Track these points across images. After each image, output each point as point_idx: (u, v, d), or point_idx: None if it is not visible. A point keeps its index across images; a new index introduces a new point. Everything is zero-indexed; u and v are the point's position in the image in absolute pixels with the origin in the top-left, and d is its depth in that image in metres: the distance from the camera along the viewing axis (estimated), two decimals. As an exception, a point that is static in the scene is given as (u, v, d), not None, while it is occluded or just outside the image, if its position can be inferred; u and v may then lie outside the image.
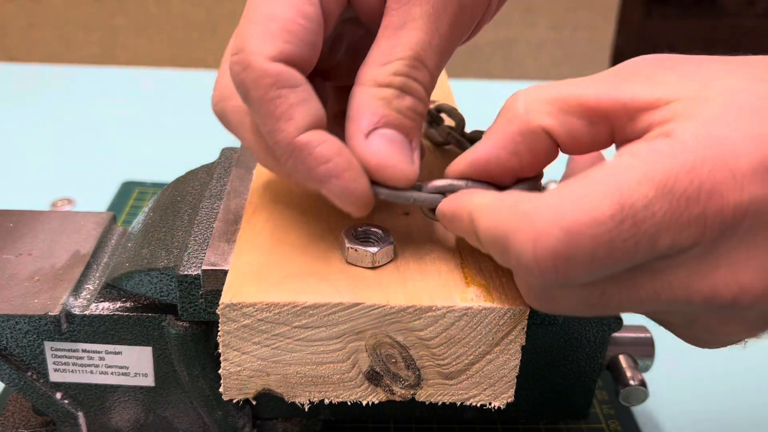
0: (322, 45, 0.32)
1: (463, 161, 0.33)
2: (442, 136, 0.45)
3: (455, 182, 0.33)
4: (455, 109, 0.45)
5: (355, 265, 0.34)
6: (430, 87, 0.33)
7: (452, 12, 0.33)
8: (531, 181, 0.33)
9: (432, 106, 0.46)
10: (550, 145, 0.30)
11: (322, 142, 0.30)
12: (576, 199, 0.25)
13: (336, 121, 0.35)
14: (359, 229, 0.35)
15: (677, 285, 0.26)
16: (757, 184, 0.24)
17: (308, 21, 0.31)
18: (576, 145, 0.30)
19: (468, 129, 0.45)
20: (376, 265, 0.34)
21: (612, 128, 0.29)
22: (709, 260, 0.25)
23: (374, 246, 0.34)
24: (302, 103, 0.30)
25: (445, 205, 0.33)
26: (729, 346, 0.30)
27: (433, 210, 0.34)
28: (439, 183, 0.33)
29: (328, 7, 0.32)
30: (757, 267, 0.25)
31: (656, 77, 0.28)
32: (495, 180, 0.32)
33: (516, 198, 0.28)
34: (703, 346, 0.31)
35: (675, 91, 0.27)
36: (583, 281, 0.27)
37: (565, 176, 0.38)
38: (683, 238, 0.25)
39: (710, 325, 0.28)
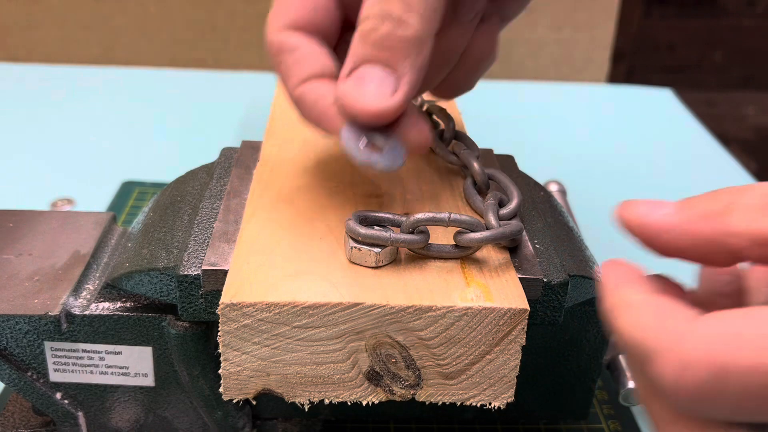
0: (337, 6, 0.35)
1: (635, 218, 0.27)
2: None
3: (438, 215, 0.33)
4: (443, 110, 0.45)
5: (358, 265, 0.34)
6: (417, 6, 0.32)
7: None
8: None
9: (425, 107, 0.46)
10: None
11: (312, 91, 0.34)
12: (735, 336, 0.22)
13: None
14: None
15: None
16: None
17: None
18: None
19: (468, 129, 0.45)
20: (380, 264, 0.34)
21: None
22: None
23: (377, 246, 0.34)
24: (298, 63, 0.34)
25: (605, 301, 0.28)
26: None
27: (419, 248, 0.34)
28: (420, 216, 0.33)
29: None
30: None
31: None
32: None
33: (665, 310, 0.25)
34: None
35: None
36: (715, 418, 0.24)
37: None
38: None
39: None
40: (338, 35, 0.37)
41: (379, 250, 0.34)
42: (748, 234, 0.24)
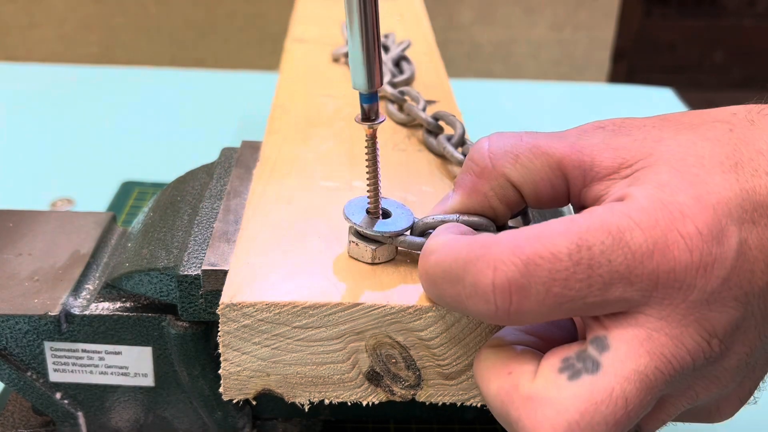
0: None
1: (439, 210, 0.34)
2: (438, 150, 0.44)
3: (447, 217, 0.33)
4: (453, 117, 0.45)
5: (356, 259, 0.34)
6: None
7: None
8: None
9: (431, 113, 0.46)
10: (517, 197, 0.32)
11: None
12: (536, 236, 0.27)
13: None
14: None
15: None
16: (705, 244, 0.26)
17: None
18: (538, 200, 0.31)
19: (468, 129, 0.45)
20: (376, 261, 0.34)
21: (568, 187, 0.30)
22: (675, 317, 0.26)
23: (374, 243, 0.34)
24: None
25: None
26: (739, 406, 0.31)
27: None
28: (429, 219, 0.34)
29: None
30: (721, 313, 0.26)
31: (612, 143, 0.30)
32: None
33: (474, 236, 0.29)
34: (715, 420, 0.31)
35: (630, 156, 0.29)
36: (531, 319, 0.27)
37: None
38: (634, 290, 0.26)
39: (704, 391, 0.28)
40: None
41: (375, 246, 0.34)
42: (516, 166, 0.31)
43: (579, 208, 0.31)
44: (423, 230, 0.34)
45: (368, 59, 0.32)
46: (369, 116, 0.33)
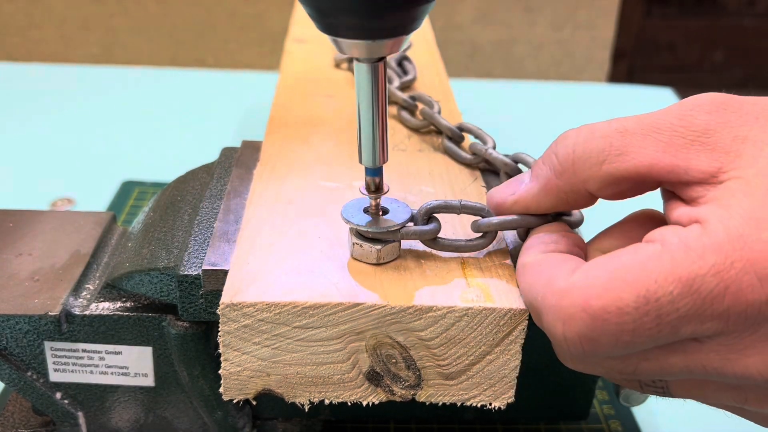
0: None
1: (508, 197, 0.34)
2: (467, 159, 0.44)
3: (449, 202, 0.34)
4: (479, 130, 0.44)
5: (360, 261, 0.34)
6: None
7: None
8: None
9: (455, 123, 0.45)
10: (592, 201, 0.32)
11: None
12: (604, 286, 0.27)
13: None
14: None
15: (710, 366, 0.27)
16: None
17: None
18: (616, 199, 0.31)
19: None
20: (381, 261, 0.34)
21: (660, 185, 0.30)
22: (738, 347, 0.26)
23: (378, 243, 0.34)
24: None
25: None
26: None
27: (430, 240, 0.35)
28: (433, 203, 0.34)
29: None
30: None
31: (712, 141, 0.28)
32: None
33: (553, 268, 0.30)
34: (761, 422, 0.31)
35: (727, 162, 0.27)
36: (611, 356, 0.28)
37: None
38: (705, 328, 0.26)
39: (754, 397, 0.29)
40: None
41: (380, 246, 0.34)
42: (599, 177, 0.30)
43: (667, 193, 0.30)
44: (428, 215, 0.34)
45: (375, 139, 0.33)
46: (370, 188, 0.35)
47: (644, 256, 0.27)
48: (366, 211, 0.35)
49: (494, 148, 0.42)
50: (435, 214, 0.35)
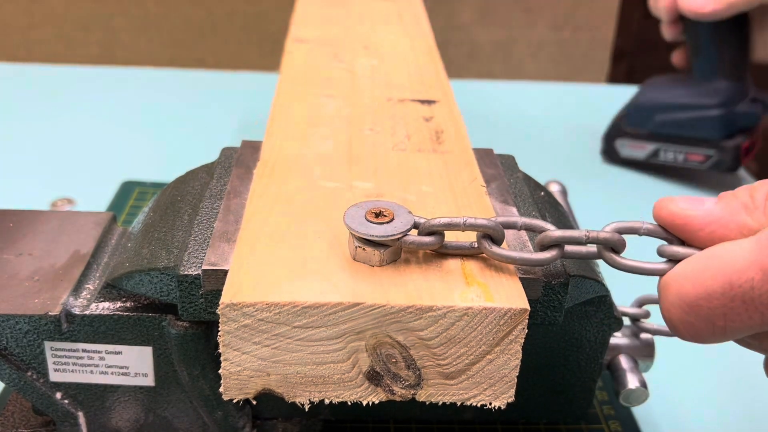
0: None
1: (690, 205, 0.33)
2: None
3: (453, 220, 0.34)
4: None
5: (362, 263, 0.34)
6: None
7: None
8: None
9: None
10: None
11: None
12: (697, 278, 0.30)
13: None
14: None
15: None
16: None
17: None
18: None
19: (468, 129, 0.45)
20: (383, 263, 0.34)
21: None
22: None
23: (381, 246, 0.34)
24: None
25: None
26: None
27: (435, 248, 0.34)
28: (436, 222, 0.34)
29: None
30: None
31: None
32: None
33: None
34: None
35: None
36: (714, 342, 0.31)
37: None
38: None
39: None
40: None
41: (383, 250, 0.34)
42: None
43: None
44: (429, 231, 0.34)
45: None
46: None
47: (733, 249, 0.30)
48: (368, 216, 0.35)
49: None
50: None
